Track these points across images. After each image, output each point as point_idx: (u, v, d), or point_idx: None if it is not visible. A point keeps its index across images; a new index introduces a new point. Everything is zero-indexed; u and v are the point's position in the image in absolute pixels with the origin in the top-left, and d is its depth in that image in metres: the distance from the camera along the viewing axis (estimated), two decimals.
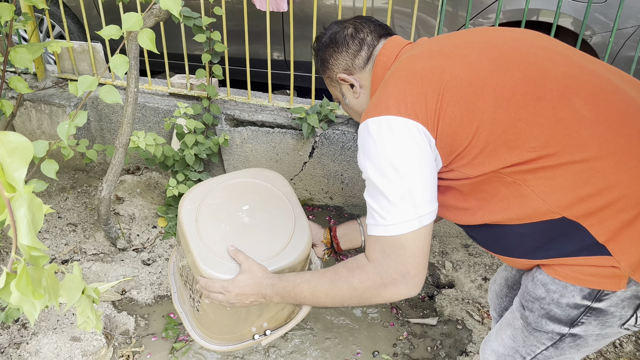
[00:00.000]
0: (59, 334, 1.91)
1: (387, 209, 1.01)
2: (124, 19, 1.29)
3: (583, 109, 0.96)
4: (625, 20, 2.49)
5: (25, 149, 0.64)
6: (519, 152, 0.96)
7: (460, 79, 1.01)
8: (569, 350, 1.11)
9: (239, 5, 3.06)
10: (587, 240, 0.95)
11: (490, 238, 1.11)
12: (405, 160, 1.00)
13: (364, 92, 1.27)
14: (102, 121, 2.86)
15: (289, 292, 1.18)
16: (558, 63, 1.02)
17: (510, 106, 0.97)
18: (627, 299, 0.98)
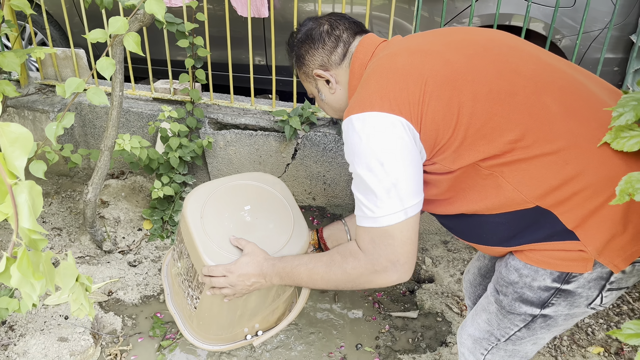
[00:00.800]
0: (47, 334, 1.94)
1: (375, 202, 1.05)
2: (111, 23, 1.34)
3: (552, 105, 1.03)
4: (592, 23, 2.60)
5: (25, 139, 0.69)
6: (496, 145, 1.02)
7: (439, 75, 1.06)
8: (540, 331, 1.18)
9: (220, 12, 3.12)
10: (558, 226, 1.02)
11: (467, 228, 1.18)
12: (390, 155, 1.03)
13: (340, 88, 1.29)
14: (86, 127, 2.88)
15: (287, 272, 1.23)
16: (527, 62, 1.10)
17: (487, 101, 1.03)
18: (593, 280, 1.06)
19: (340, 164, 2.57)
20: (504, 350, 1.25)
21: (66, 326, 1.99)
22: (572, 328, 2.05)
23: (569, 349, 1.96)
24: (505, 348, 1.25)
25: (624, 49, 2.65)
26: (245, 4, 2.85)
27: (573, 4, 2.61)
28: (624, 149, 0.93)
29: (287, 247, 1.39)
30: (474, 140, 1.03)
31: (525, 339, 1.21)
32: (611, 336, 2.02)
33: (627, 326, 0.96)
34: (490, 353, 1.28)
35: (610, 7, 2.55)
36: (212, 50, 2.62)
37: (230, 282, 1.27)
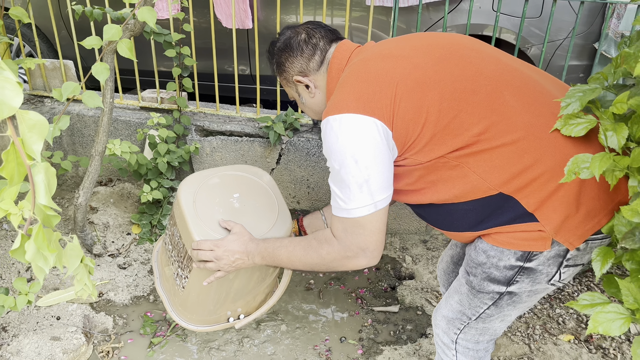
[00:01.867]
0: (39, 334, 1.99)
1: (348, 195, 1.16)
2: (105, 30, 1.43)
3: (511, 100, 1.15)
4: (557, 33, 2.76)
5: (42, 126, 0.78)
6: (462, 138, 1.13)
7: (409, 77, 1.16)
8: (506, 307, 1.29)
9: (205, 24, 3.23)
10: (519, 210, 1.13)
11: (438, 216, 1.28)
12: (363, 154, 1.13)
13: (319, 92, 1.38)
14: (74, 135, 2.95)
15: (269, 252, 1.34)
16: (488, 62, 1.22)
17: (452, 100, 1.14)
18: (552, 257, 1.17)
19: (323, 168, 2.68)
20: (475, 328, 1.36)
21: (58, 326, 2.04)
22: (544, 318, 2.16)
23: (541, 337, 2.07)
24: (476, 327, 1.35)
25: (588, 56, 2.82)
26: (229, 15, 2.97)
27: (539, 14, 2.77)
28: (572, 134, 1.04)
29: (272, 231, 1.49)
30: (442, 135, 1.14)
31: (494, 316, 1.31)
32: (581, 324, 2.14)
33: (582, 297, 1.07)
34: (463, 332, 1.38)
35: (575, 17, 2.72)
36: (198, 61, 2.72)
37: (216, 256, 1.36)
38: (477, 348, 1.41)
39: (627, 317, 0.98)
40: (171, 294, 1.62)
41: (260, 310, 1.65)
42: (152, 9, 1.44)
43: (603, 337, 2.09)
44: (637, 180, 0.92)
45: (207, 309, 1.55)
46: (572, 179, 0.99)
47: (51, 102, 3.00)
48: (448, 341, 1.42)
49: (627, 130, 0.96)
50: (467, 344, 1.40)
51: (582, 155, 0.98)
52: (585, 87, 1.05)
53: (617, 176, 0.95)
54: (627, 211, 0.87)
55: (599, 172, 0.92)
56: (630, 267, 0.98)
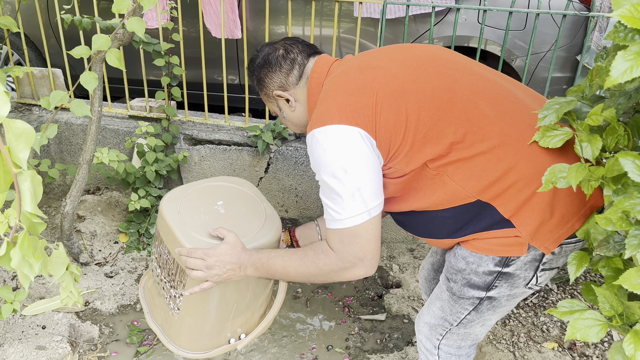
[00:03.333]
0: (24, 343, 1.98)
1: (341, 205, 1.16)
2: (94, 40, 1.45)
3: (486, 109, 1.18)
4: (541, 45, 2.82)
5: (29, 135, 0.80)
6: (441, 147, 1.16)
7: (388, 87, 1.19)
8: (487, 312, 1.31)
9: (195, 33, 3.25)
10: (496, 217, 1.16)
11: (418, 223, 1.31)
12: (352, 163, 1.14)
13: (299, 106, 1.39)
14: (62, 144, 2.95)
15: (263, 263, 1.31)
16: (463, 73, 1.25)
17: (430, 109, 1.17)
18: (529, 262, 1.20)
19: (311, 177, 2.69)
20: (457, 334, 1.38)
21: (44, 335, 2.03)
22: (529, 326, 2.19)
23: (525, 345, 2.09)
24: (457, 332, 1.38)
25: (571, 68, 2.88)
26: (219, 25, 2.99)
27: (524, 27, 2.83)
28: (550, 146, 1.07)
29: (261, 232, 1.48)
30: (421, 144, 1.16)
31: (475, 321, 1.34)
32: (565, 332, 2.16)
33: (562, 304, 1.09)
34: (445, 338, 1.40)
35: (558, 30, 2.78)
36: (187, 70, 2.74)
37: (207, 265, 1.32)
38: (459, 353, 1.43)
39: (604, 323, 1.00)
40: (166, 325, 1.59)
41: (261, 325, 1.62)
42: (141, 19, 1.45)
43: (586, 344, 2.11)
44: (612, 190, 0.94)
45: (206, 331, 1.53)
46: (549, 188, 1.01)
47: (39, 111, 3.00)
48: (431, 347, 1.44)
49: (601, 141, 1.00)
50: (449, 349, 1.42)
51: (559, 165, 1.01)
52: (561, 100, 1.08)
53: (593, 186, 0.98)
54: (602, 220, 0.90)
55: (576, 182, 0.95)
56: (605, 274, 1.00)
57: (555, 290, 2.39)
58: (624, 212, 0.85)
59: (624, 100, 0.91)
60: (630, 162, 0.81)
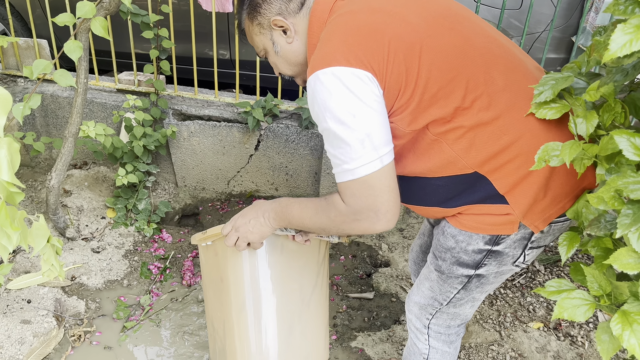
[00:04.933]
0: (9, 317, 1.96)
1: (350, 154, 1.06)
2: (78, 7, 1.40)
3: (497, 78, 1.13)
4: (536, 25, 2.78)
5: (4, 100, 0.76)
6: (446, 110, 1.10)
7: (402, 36, 1.08)
8: (475, 290, 1.31)
9: (185, 7, 3.17)
10: (490, 191, 1.14)
11: (410, 189, 1.25)
12: (361, 106, 1.04)
13: (297, 39, 1.25)
14: (48, 117, 2.89)
15: (282, 209, 1.25)
16: (478, 34, 1.18)
17: (442, 69, 1.10)
18: (518, 240, 1.19)
19: (302, 155, 2.67)
20: (447, 313, 1.38)
21: (29, 309, 2.01)
22: (515, 306, 2.20)
23: (511, 325, 2.10)
24: (447, 311, 1.37)
25: (566, 49, 2.85)
26: None
27: (519, 6, 2.79)
28: (547, 117, 1.05)
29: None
30: (428, 104, 1.10)
31: (464, 300, 1.33)
32: (550, 312, 2.18)
33: (549, 284, 1.09)
34: (435, 317, 1.40)
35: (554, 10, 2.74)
36: (177, 44, 2.68)
37: (235, 227, 1.30)
38: (448, 332, 1.43)
39: (592, 303, 1.00)
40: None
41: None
42: None
43: (571, 325, 2.13)
44: (605, 169, 0.93)
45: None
46: (541, 167, 1.00)
47: (24, 82, 2.93)
48: (420, 326, 1.44)
49: (597, 118, 0.98)
50: (439, 328, 1.42)
51: (552, 143, 0.99)
52: (558, 75, 1.05)
53: (586, 164, 0.96)
54: (594, 198, 0.89)
55: (569, 159, 0.93)
56: (595, 254, 1.00)
57: (542, 271, 2.40)
58: (616, 190, 0.84)
59: (621, 77, 0.89)
60: (625, 139, 0.80)
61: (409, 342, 1.55)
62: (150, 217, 2.59)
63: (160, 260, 2.42)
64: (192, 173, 2.83)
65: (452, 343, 1.46)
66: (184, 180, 2.86)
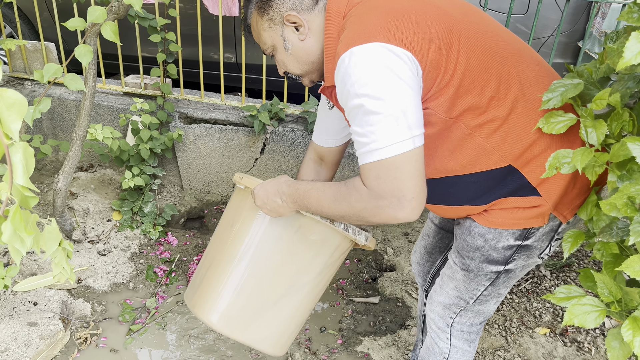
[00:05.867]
0: (16, 319, 1.96)
1: (381, 131, 1.01)
2: (90, 12, 1.41)
3: (527, 70, 1.14)
4: (543, 30, 2.79)
5: (21, 104, 0.77)
6: (482, 99, 1.09)
7: (441, 21, 1.07)
8: (502, 285, 1.31)
9: (191, 10, 3.19)
10: (522, 183, 1.13)
11: (438, 190, 1.22)
12: (399, 83, 1.00)
13: (310, 36, 1.20)
14: (55, 119, 2.90)
15: (300, 194, 1.21)
16: (501, 29, 1.20)
17: (480, 56, 1.10)
18: (546, 233, 1.20)
19: None
20: (471, 311, 1.38)
21: (35, 312, 2.01)
22: (522, 311, 2.20)
23: (518, 330, 2.10)
24: (472, 309, 1.37)
25: (572, 54, 2.85)
26: (216, 2, 2.93)
27: (526, 11, 2.79)
28: (553, 132, 1.05)
29: None
30: (466, 90, 1.08)
31: (490, 297, 1.34)
32: (557, 318, 2.18)
33: (559, 290, 1.09)
34: (459, 316, 1.40)
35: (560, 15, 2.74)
36: (184, 47, 2.69)
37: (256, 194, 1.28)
38: (470, 330, 1.43)
39: (602, 309, 1.00)
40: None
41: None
42: None
43: (578, 330, 2.13)
44: (616, 176, 0.93)
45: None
46: (553, 174, 1.00)
47: (31, 85, 2.95)
48: (443, 325, 1.43)
49: (606, 127, 0.98)
50: (462, 327, 1.42)
51: (563, 150, 0.99)
52: (567, 82, 1.05)
53: (597, 172, 0.96)
54: (606, 205, 0.89)
55: (581, 167, 0.93)
56: (604, 260, 1.00)
57: (548, 276, 2.40)
58: (629, 198, 0.84)
59: (633, 83, 0.89)
60: (637, 146, 0.80)
61: (428, 342, 1.53)
62: (156, 220, 2.60)
63: (166, 263, 2.43)
64: (197, 176, 2.83)
65: (473, 342, 1.46)
66: (190, 184, 2.86)
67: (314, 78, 1.29)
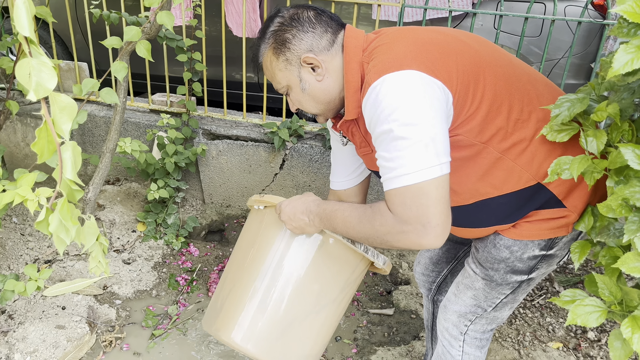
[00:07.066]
0: (45, 322, 2.06)
1: (410, 157, 1.02)
2: (126, 31, 1.53)
3: (545, 92, 1.21)
4: (556, 52, 2.86)
5: (72, 108, 0.87)
6: (509, 123, 1.15)
7: (464, 53, 1.14)
8: (521, 293, 1.36)
9: (216, 32, 3.34)
10: (549, 198, 1.19)
11: (467, 214, 1.26)
12: (429, 110, 1.03)
13: (328, 76, 1.21)
14: (85, 135, 3.04)
15: (327, 214, 1.24)
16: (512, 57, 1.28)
17: (504, 83, 1.16)
18: (568, 242, 1.26)
19: (325, 175, 2.76)
20: (486, 318, 1.42)
21: (63, 315, 2.11)
22: (535, 325, 2.22)
23: (530, 344, 2.12)
24: (487, 316, 1.41)
25: (585, 75, 2.91)
26: (240, 25, 3.07)
27: (539, 34, 2.87)
28: (557, 140, 1.12)
29: None
30: (495, 115, 1.13)
31: (507, 304, 1.38)
32: (570, 333, 2.20)
33: (564, 294, 1.14)
34: (474, 323, 1.44)
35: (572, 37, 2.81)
36: (208, 67, 2.82)
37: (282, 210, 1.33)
38: (482, 337, 1.47)
39: (604, 310, 1.05)
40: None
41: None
42: (171, 13, 1.53)
43: (591, 345, 2.14)
44: (614, 181, 0.99)
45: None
46: (554, 179, 1.06)
47: None
48: (457, 333, 1.47)
49: (606, 136, 1.04)
50: (475, 334, 1.45)
51: (564, 157, 1.06)
52: (572, 97, 1.12)
53: (596, 177, 1.02)
54: (603, 207, 0.95)
55: (577, 173, 1.00)
56: (605, 262, 1.05)
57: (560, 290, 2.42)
58: (623, 199, 0.90)
59: (628, 95, 0.96)
60: (630, 151, 0.86)
61: (439, 350, 1.56)
62: (179, 232, 2.69)
63: (188, 272, 2.51)
64: (219, 190, 2.93)
65: (484, 347, 1.50)
66: (211, 197, 2.97)
67: (329, 116, 1.31)
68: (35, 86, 0.79)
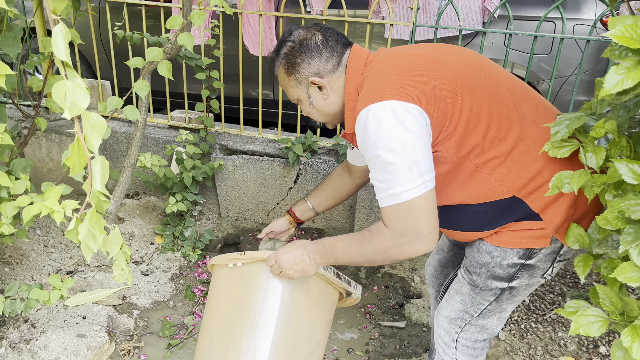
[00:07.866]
0: (66, 331, 2.13)
1: (398, 179, 1.17)
2: (148, 52, 1.61)
3: (526, 112, 1.28)
4: (566, 69, 2.90)
5: (101, 126, 0.94)
6: (485, 140, 1.24)
7: (444, 75, 1.25)
8: (506, 302, 1.41)
9: (233, 51, 3.44)
10: (527, 211, 1.27)
11: (448, 215, 1.37)
12: (410, 136, 1.17)
13: (333, 95, 1.37)
14: (106, 150, 3.15)
15: (327, 248, 1.35)
16: (501, 75, 1.34)
17: (482, 103, 1.25)
18: (548, 254, 1.31)
19: None
20: (475, 325, 1.47)
21: (84, 325, 2.18)
22: (546, 340, 2.23)
23: (542, 358, 2.14)
24: (476, 324, 1.47)
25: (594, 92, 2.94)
26: (257, 44, 3.17)
27: (549, 51, 2.92)
28: (558, 156, 1.17)
29: None
30: (471, 133, 1.24)
31: (493, 312, 1.43)
32: (582, 347, 2.20)
33: (569, 305, 1.18)
34: (464, 330, 1.49)
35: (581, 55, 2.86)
36: (226, 85, 2.91)
37: (278, 261, 1.41)
38: (474, 346, 1.52)
39: (605, 319, 1.09)
40: None
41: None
42: (191, 34, 1.62)
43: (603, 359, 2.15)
44: (612, 195, 1.03)
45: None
46: (555, 193, 1.11)
47: None
48: (449, 340, 1.53)
49: (605, 152, 1.09)
50: (466, 342, 1.51)
51: (565, 172, 1.11)
52: (571, 115, 1.17)
53: (595, 191, 1.07)
54: (601, 220, 0.99)
55: (577, 187, 1.04)
56: (607, 273, 1.09)
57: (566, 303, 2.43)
58: (619, 212, 0.94)
59: (624, 112, 1.01)
60: (624, 165, 0.91)
61: (436, 358, 1.63)
62: (195, 244, 2.77)
63: (204, 284, 2.58)
64: (234, 204, 3.01)
65: (477, 357, 1.54)
66: (227, 211, 3.04)
67: (336, 123, 1.48)
68: (70, 105, 0.86)
